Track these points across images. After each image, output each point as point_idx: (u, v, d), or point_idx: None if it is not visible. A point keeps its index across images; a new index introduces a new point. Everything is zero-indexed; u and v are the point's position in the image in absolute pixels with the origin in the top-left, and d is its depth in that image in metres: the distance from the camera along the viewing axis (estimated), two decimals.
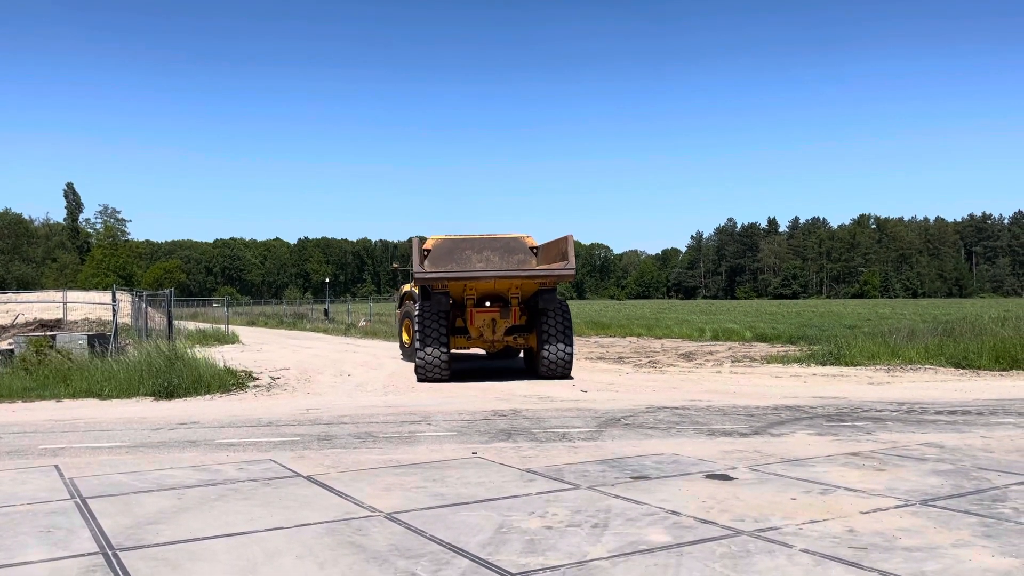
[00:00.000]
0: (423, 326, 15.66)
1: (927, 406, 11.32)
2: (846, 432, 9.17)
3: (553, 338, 15.72)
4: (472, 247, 16.83)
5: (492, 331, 16.13)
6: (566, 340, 15.79)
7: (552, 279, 15.23)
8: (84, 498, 6.28)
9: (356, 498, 6.20)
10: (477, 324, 16.01)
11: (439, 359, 15.55)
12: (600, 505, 5.91)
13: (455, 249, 16.79)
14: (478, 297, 15.95)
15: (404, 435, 9.35)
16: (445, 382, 15.53)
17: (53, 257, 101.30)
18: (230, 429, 9.92)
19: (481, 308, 16.02)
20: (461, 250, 16.82)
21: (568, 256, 15.01)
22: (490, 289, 15.69)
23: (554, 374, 15.83)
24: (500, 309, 15.94)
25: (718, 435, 9.04)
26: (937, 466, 7.20)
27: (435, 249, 16.92)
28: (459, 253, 16.80)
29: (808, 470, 7.08)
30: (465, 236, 17.29)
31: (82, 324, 26.66)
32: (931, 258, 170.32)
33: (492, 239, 17.02)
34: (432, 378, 15.66)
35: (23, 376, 14.24)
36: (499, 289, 15.67)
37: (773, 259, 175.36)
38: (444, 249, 16.82)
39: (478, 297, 15.95)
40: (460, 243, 16.86)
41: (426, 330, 15.64)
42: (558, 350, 15.74)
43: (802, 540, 5.00)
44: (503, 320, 15.98)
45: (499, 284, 15.51)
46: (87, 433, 9.69)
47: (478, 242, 16.87)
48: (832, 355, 18.63)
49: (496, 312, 15.98)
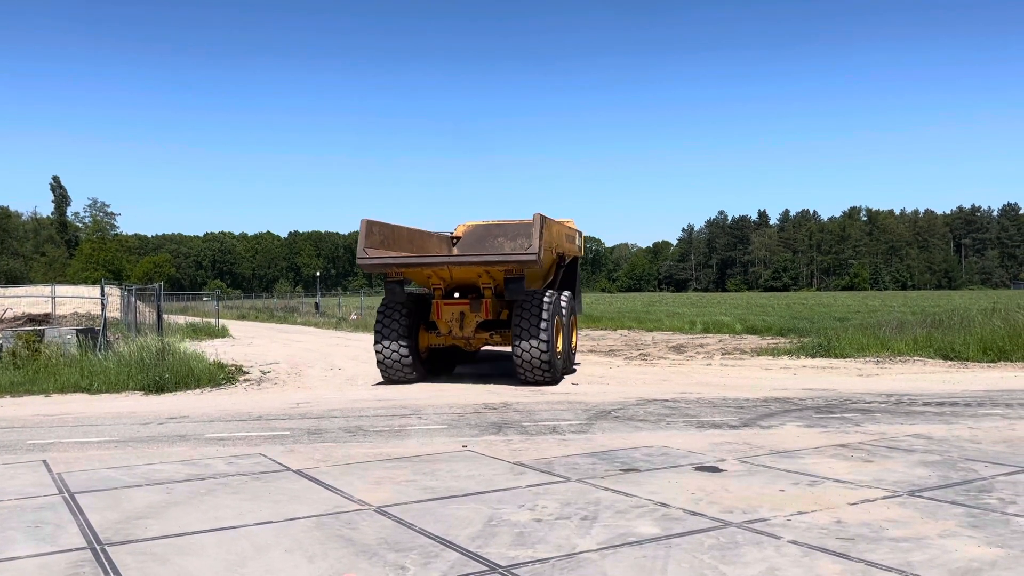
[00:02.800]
0: (379, 319, 14.22)
1: (915, 398, 11.38)
2: (835, 424, 9.21)
3: (521, 336, 13.25)
4: (504, 233, 15.93)
5: (460, 326, 14.07)
6: (540, 338, 13.16)
7: (513, 266, 13.14)
8: (72, 493, 6.26)
9: (346, 492, 6.20)
10: (445, 318, 14.11)
11: (397, 357, 13.94)
12: (590, 497, 5.93)
13: (487, 236, 15.97)
14: (446, 288, 14.16)
15: (394, 429, 9.34)
16: (413, 382, 14.13)
17: (42, 251, 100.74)
18: (220, 423, 9.90)
19: (449, 300, 14.13)
20: (493, 236, 15.92)
21: (532, 239, 13.23)
22: (460, 278, 13.89)
23: (530, 379, 13.49)
24: (471, 301, 13.95)
25: (708, 427, 9.07)
26: (925, 457, 7.25)
27: (465, 236, 16.15)
28: (490, 240, 15.90)
29: (797, 462, 7.11)
30: (499, 222, 16.26)
31: (71, 319, 26.51)
32: (921, 250, 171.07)
33: (523, 224, 15.89)
34: (394, 378, 14.18)
35: (11, 371, 14.16)
36: (464, 278, 13.86)
37: (764, 252, 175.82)
38: (475, 236, 16.02)
39: (446, 288, 14.16)
40: (492, 229, 16.04)
41: (381, 323, 14.13)
42: (528, 349, 13.19)
43: (790, 531, 5.02)
44: (473, 314, 13.95)
45: (457, 272, 13.69)
46: (76, 428, 9.65)
47: (511, 228, 15.97)
48: (822, 347, 18.71)
49: (465, 305, 14.02)
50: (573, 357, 15.97)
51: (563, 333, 14.48)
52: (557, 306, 13.78)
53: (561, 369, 14.27)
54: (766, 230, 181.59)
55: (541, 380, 13.38)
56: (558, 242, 14.96)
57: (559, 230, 14.96)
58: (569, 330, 15.31)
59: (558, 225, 14.87)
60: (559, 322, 13.99)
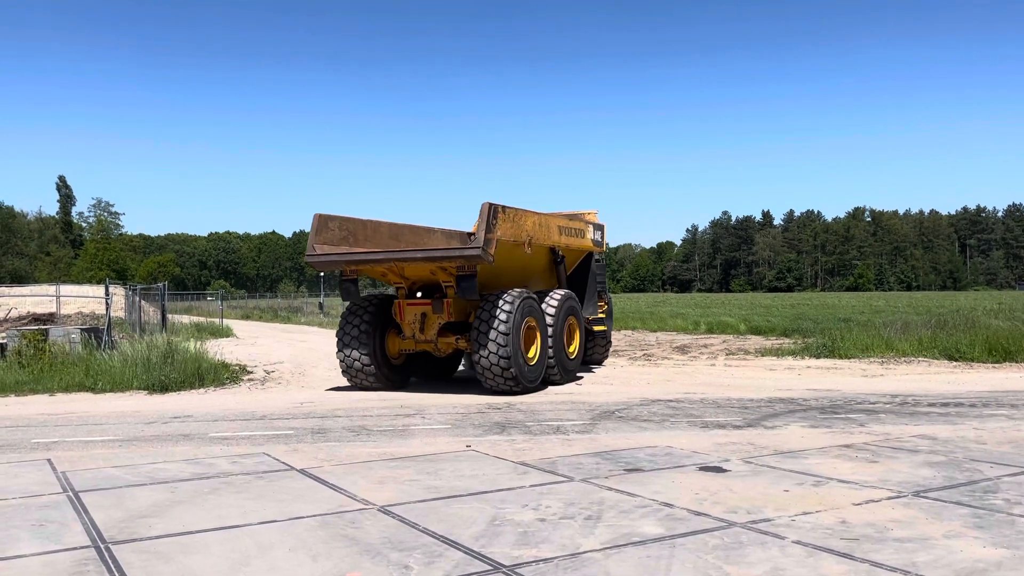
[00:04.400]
0: (340, 324, 13.42)
1: (920, 398, 11.36)
2: (839, 424, 9.19)
3: (479, 341, 11.99)
4: None
5: (421, 329, 12.94)
6: (498, 343, 11.82)
7: (459, 261, 11.90)
8: (77, 492, 6.27)
9: (350, 491, 6.20)
10: (407, 320, 13.01)
11: (359, 365, 13.06)
12: (594, 497, 5.92)
13: None
14: (408, 287, 13.21)
15: (398, 428, 9.35)
16: (382, 391, 13.16)
17: (46, 251, 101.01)
18: (224, 423, 9.91)
19: (412, 300, 13.12)
20: None
21: (478, 231, 11.82)
22: (415, 276, 12.91)
23: (493, 388, 12.23)
24: (432, 302, 12.81)
25: (712, 427, 9.06)
26: (929, 458, 7.23)
27: None
28: None
29: (801, 462, 7.09)
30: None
31: (76, 318, 26.57)
32: (925, 251, 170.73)
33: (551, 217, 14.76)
34: (359, 384, 13.27)
35: (16, 370, 14.20)
36: (418, 276, 12.88)
37: (768, 252, 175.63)
38: None
39: (408, 287, 13.21)
40: None
41: (341, 329, 13.31)
42: (486, 355, 11.91)
43: (794, 532, 5.01)
44: (435, 315, 12.78)
45: (408, 270, 12.68)
46: (80, 427, 9.67)
47: None
48: (826, 348, 18.69)
49: (427, 305, 12.88)
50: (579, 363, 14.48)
51: (550, 337, 13.08)
52: (530, 307, 12.53)
53: (556, 376, 13.36)
54: (770, 231, 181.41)
55: (505, 389, 12.11)
56: (543, 236, 13.53)
57: (543, 222, 13.53)
58: (562, 334, 13.56)
59: (539, 217, 13.37)
60: (531, 324, 12.58)
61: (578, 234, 15.19)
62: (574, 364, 14.16)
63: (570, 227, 14.79)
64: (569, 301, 13.96)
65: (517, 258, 13.00)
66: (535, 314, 12.73)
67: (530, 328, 12.66)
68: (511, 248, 12.53)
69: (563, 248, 14.57)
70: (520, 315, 12.16)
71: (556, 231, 14.16)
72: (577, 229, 15.15)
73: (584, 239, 15.45)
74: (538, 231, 13.31)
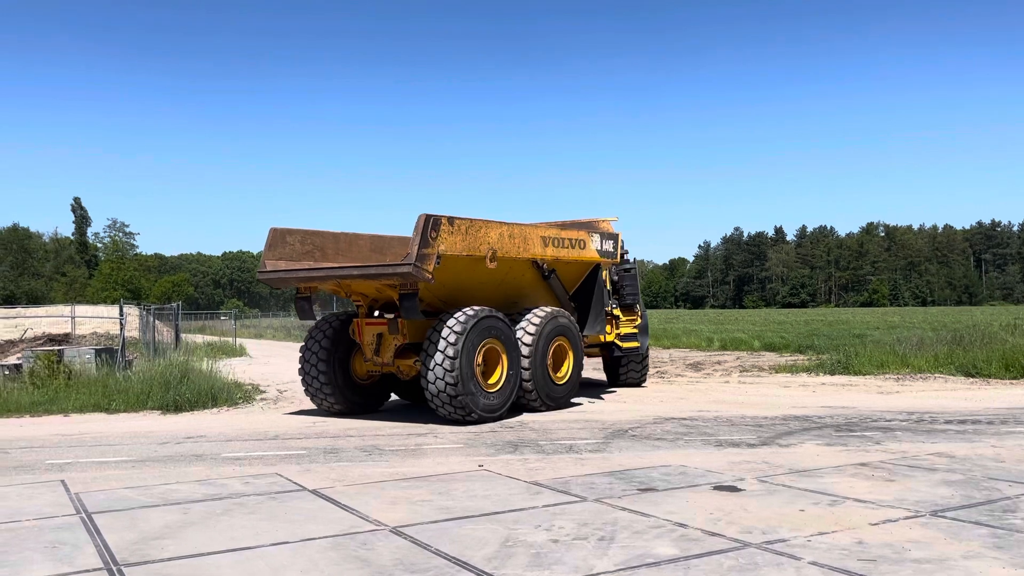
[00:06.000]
0: (303, 343, 12.83)
1: (936, 415, 11.24)
2: (855, 442, 9.10)
3: (426, 363, 11.05)
4: None
5: (378, 350, 12.15)
6: (444, 366, 10.83)
7: (395, 279, 10.93)
8: (90, 513, 6.28)
9: (362, 512, 6.18)
10: (366, 340, 12.24)
11: (317, 385, 12.43)
12: (607, 518, 5.88)
13: None
14: (368, 304, 12.44)
15: (410, 448, 9.33)
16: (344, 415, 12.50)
17: (62, 272, 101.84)
18: (236, 443, 9.92)
19: (370, 320, 12.32)
20: None
21: (411, 246, 10.77)
22: (363, 292, 12.10)
23: (443, 415, 11.22)
24: (388, 321, 11.98)
25: (726, 446, 8.99)
26: (947, 476, 7.14)
27: None
28: None
29: (817, 481, 7.02)
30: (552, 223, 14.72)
31: (90, 338, 26.77)
32: (940, 266, 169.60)
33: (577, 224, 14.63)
34: (322, 407, 12.66)
35: (31, 391, 14.28)
36: (366, 292, 12.08)
37: (781, 268, 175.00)
38: None
39: (368, 304, 12.44)
40: None
41: (302, 348, 12.73)
42: (433, 380, 10.92)
43: (811, 552, 4.95)
44: (391, 336, 11.93)
45: (355, 286, 11.89)
46: (94, 448, 9.70)
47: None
48: (841, 364, 18.56)
49: (383, 325, 12.05)
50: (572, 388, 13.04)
51: (526, 359, 12.00)
52: (490, 327, 11.41)
53: (536, 404, 12.24)
54: (783, 246, 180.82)
55: (456, 418, 11.10)
56: (515, 249, 12.19)
57: (516, 233, 12.23)
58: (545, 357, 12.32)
59: (508, 228, 12.10)
60: (491, 347, 11.50)
61: (574, 245, 13.62)
62: (563, 390, 12.76)
63: (561, 237, 13.30)
64: (556, 320, 12.61)
65: (482, 274, 11.86)
66: (499, 335, 11.57)
67: (491, 351, 11.55)
68: (468, 263, 11.46)
69: (550, 261, 13.03)
70: (475, 336, 11.11)
71: (537, 243, 12.69)
72: (574, 239, 13.61)
73: (585, 250, 13.83)
74: (506, 243, 12.00)
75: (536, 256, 12.73)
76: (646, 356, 16.03)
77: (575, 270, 13.94)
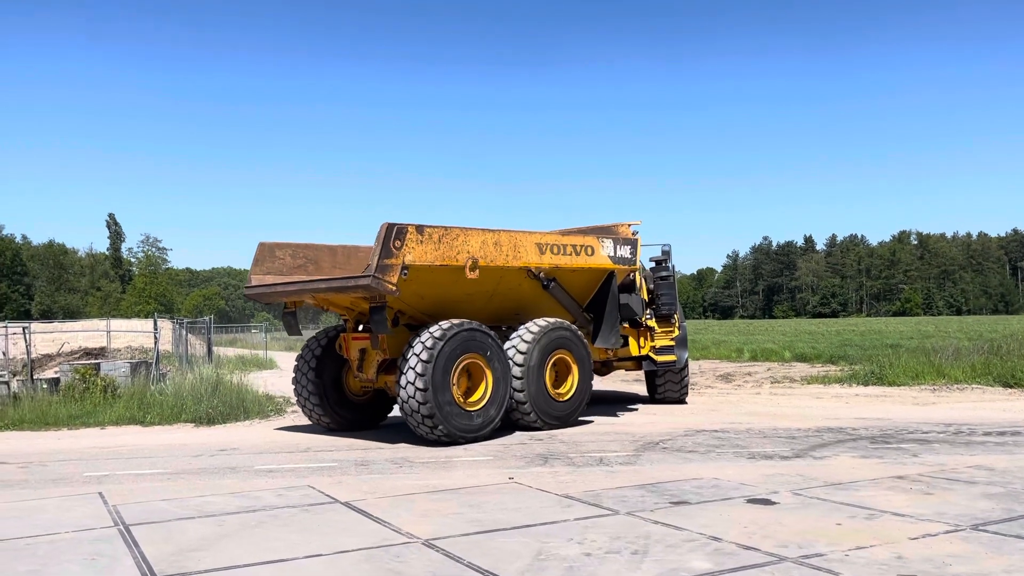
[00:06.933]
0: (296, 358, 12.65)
1: (975, 427, 11.04)
2: (891, 454, 8.96)
3: (399, 380, 10.49)
4: None
5: (361, 366, 11.86)
6: (415, 384, 10.19)
7: (360, 292, 10.45)
8: (127, 525, 6.36)
9: (394, 524, 6.20)
10: (352, 356, 11.93)
11: (305, 402, 12.26)
12: (639, 531, 5.84)
13: None
14: (354, 318, 11.97)
15: (440, 460, 9.35)
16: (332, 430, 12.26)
17: (97, 286, 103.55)
18: (268, 455, 10.00)
19: (356, 334, 11.89)
20: None
21: (371, 257, 10.31)
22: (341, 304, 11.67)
23: (418, 433, 10.59)
24: (371, 336, 11.44)
25: (759, 458, 8.90)
26: (987, 489, 7.00)
27: None
28: None
29: (853, 494, 6.93)
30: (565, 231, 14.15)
31: (125, 352, 27.18)
32: (975, 274, 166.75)
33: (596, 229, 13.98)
34: (317, 423, 12.48)
35: (69, 404, 14.53)
36: (343, 304, 11.67)
37: (811, 277, 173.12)
38: None
39: (354, 318, 11.97)
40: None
41: (295, 364, 12.54)
42: (405, 399, 10.34)
43: (848, 567, 4.88)
44: (374, 352, 11.52)
45: (333, 299, 11.44)
46: (130, 460, 9.84)
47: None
48: (874, 375, 18.29)
49: (366, 340, 11.65)
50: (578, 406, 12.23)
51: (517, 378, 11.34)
52: (469, 341, 10.73)
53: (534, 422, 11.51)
54: (813, 255, 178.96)
55: (433, 439, 10.45)
56: (503, 257, 11.43)
57: (504, 240, 11.50)
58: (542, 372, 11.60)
59: (493, 235, 11.38)
60: (471, 362, 10.83)
61: (579, 251, 12.57)
62: (566, 407, 11.97)
63: (561, 244, 12.33)
64: (556, 332, 11.84)
65: (467, 285, 11.19)
66: (480, 349, 10.87)
67: (471, 366, 10.90)
68: (446, 274, 10.83)
69: (548, 269, 12.09)
70: (450, 350, 10.44)
71: (531, 250, 11.81)
72: (578, 246, 12.57)
73: (593, 257, 12.75)
74: (491, 251, 11.25)
75: (530, 264, 11.84)
76: (684, 370, 15.08)
77: (584, 279, 12.93)
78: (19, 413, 13.73)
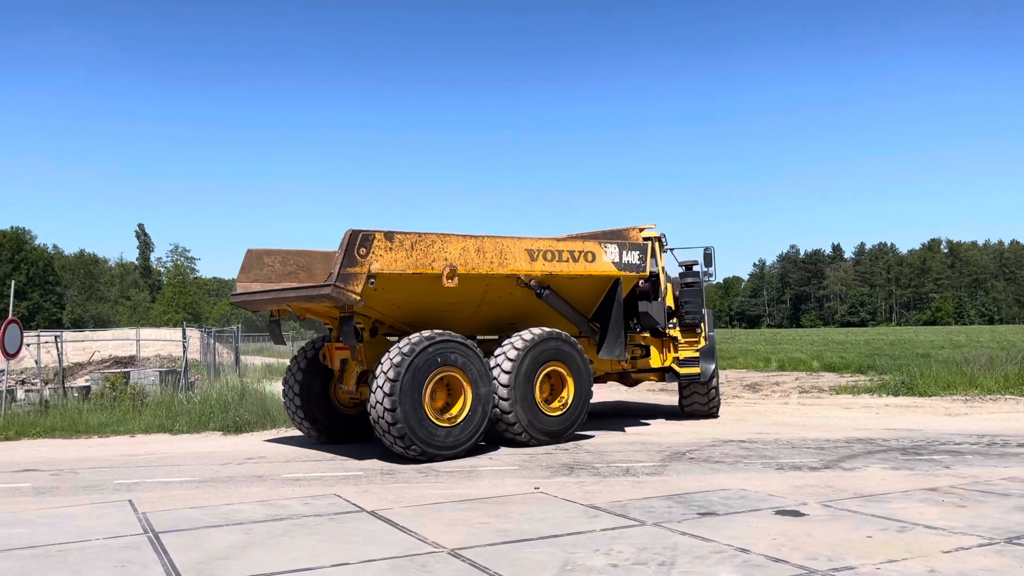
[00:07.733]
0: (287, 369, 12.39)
1: (1008, 438, 10.84)
2: (923, 466, 8.83)
3: (371, 392, 10.00)
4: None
5: (342, 378, 11.53)
6: (386, 396, 9.70)
7: (324, 303, 10.06)
8: (157, 532, 6.43)
9: (420, 534, 6.21)
10: (336, 367, 11.62)
11: (293, 413, 11.98)
12: (667, 542, 5.79)
13: None
14: (337, 328, 11.24)
15: (466, 469, 9.35)
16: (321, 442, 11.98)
17: (127, 296, 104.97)
18: (295, 463, 10.06)
19: (339, 344, 11.35)
20: None
21: (334, 265, 9.84)
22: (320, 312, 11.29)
23: (393, 450, 10.08)
24: (351, 347, 11.08)
25: (787, 469, 8.80)
26: (1021, 502, 6.87)
27: None
28: None
29: (884, 506, 6.82)
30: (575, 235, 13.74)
31: (154, 360, 27.54)
32: (1007, 283, 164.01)
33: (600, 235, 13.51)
34: (307, 435, 12.21)
35: (99, 412, 14.73)
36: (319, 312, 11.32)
37: (839, 286, 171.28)
38: None
39: (337, 328, 11.24)
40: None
41: (285, 374, 12.27)
42: (375, 415, 9.92)
43: None
44: (354, 362, 11.15)
45: (312, 308, 11.03)
46: (159, 468, 9.95)
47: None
48: (905, 385, 18.03)
49: (346, 351, 11.24)
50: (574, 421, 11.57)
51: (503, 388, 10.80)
52: (445, 353, 10.22)
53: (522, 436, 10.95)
54: (841, 264, 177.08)
55: (406, 455, 9.97)
56: (488, 264, 10.82)
57: (489, 247, 10.89)
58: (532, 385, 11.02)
59: (475, 241, 10.77)
60: (447, 375, 10.31)
61: (578, 258, 11.78)
62: (559, 422, 11.35)
63: (558, 250, 11.56)
64: (548, 343, 11.24)
65: (450, 294, 10.66)
66: (458, 362, 10.35)
67: (449, 379, 10.41)
68: (422, 282, 10.31)
69: (540, 277, 11.39)
70: (423, 362, 9.97)
71: (520, 256, 11.13)
72: (577, 251, 11.78)
73: (595, 263, 11.94)
74: (472, 259, 10.64)
75: (519, 272, 11.13)
76: (711, 382, 14.17)
77: (585, 286, 12.13)
78: (51, 421, 13.95)
